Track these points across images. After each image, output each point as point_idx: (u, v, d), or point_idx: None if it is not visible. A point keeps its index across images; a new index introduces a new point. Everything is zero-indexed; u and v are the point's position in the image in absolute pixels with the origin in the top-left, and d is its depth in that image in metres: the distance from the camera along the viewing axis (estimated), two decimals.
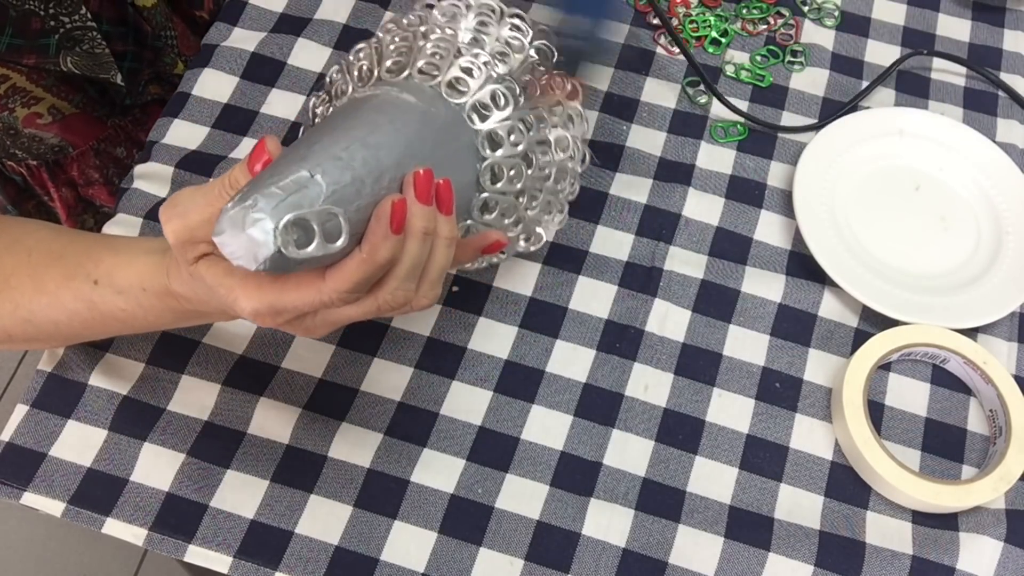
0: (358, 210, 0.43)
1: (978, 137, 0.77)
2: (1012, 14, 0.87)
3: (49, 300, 0.53)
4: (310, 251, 0.40)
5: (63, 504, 0.62)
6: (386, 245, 0.43)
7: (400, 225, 0.43)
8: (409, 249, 0.44)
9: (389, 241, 0.43)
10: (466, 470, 0.64)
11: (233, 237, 0.39)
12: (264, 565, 0.60)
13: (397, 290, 0.45)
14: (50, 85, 0.67)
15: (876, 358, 0.66)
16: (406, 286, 0.45)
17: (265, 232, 0.39)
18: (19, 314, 0.53)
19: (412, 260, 0.44)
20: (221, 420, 0.65)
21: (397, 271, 0.44)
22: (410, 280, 0.45)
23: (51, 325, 0.53)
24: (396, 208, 0.43)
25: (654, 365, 0.68)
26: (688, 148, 0.78)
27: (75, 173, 0.75)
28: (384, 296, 0.45)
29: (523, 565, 0.61)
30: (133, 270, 0.50)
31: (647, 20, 0.85)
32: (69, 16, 0.64)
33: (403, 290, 0.45)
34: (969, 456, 0.66)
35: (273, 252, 0.39)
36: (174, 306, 0.49)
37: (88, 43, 0.66)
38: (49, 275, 0.53)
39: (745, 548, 0.62)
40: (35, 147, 0.70)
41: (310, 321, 0.45)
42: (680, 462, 0.65)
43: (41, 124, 0.69)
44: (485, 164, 0.54)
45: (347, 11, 0.83)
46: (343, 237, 0.41)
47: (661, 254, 0.72)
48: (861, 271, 0.71)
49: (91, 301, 0.52)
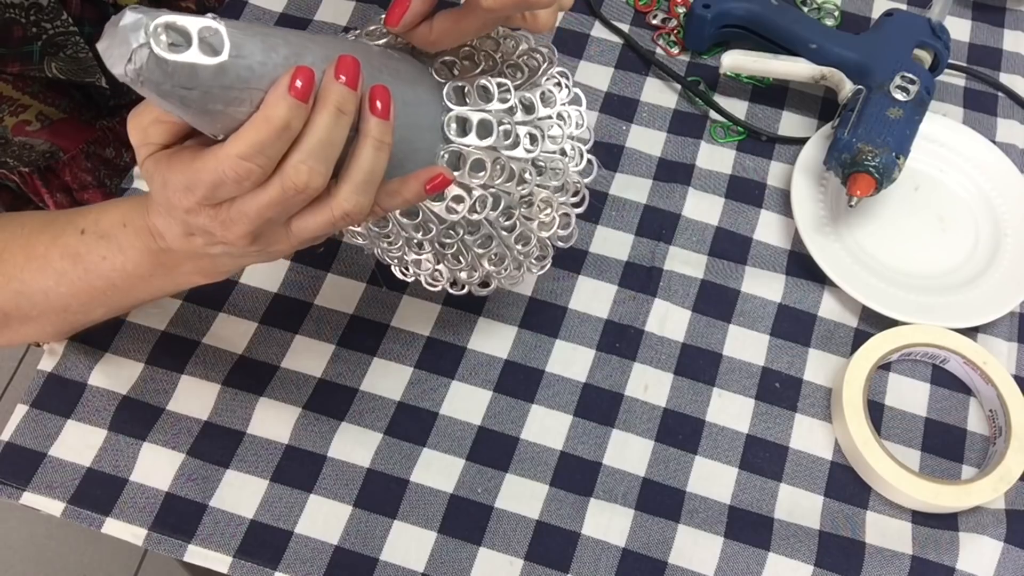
0: (262, 65, 0.41)
1: (977, 138, 0.77)
2: (1012, 14, 0.87)
3: (39, 264, 0.53)
4: (186, 57, 0.38)
5: (63, 504, 0.62)
6: (282, 105, 0.41)
7: (302, 92, 0.41)
8: (316, 121, 0.42)
9: (286, 102, 0.41)
10: (466, 470, 0.64)
11: (110, 39, 0.38)
12: (264, 565, 0.60)
13: (301, 164, 0.42)
14: (36, 92, 0.67)
15: (876, 358, 0.66)
16: (313, 165, 0.42)
17: (137, 24, 0.37)
18: (12, 286, 0.54)
19: (320, 134, 0.42)
20: (221, 420, 0.65)
21: (302, 143, 0.42)
22: (319, 160, 0.42)
23: (41, 294, 0.54)
24: (298, 72, 0.41)
25: (654, 365, 0.68)
26: (688, 148, 0.78)
27: (68, 178, 0.75)
28: (288, 172, 0.42)
29: (523, 565, 0.61)
30: (117, 211, 0.51)
31: (647, 20, 0.85)
32: (51, 22, 0.64)
33: (310, 168, 0.42)
34: (969, 456, 0.66)
35: (146, 52, 0.37)
36: (151, 246, 0.49)
37: (72, 48, 0.66)
38: (40, 240, 0.54)
39: (745, 548, 0.62)
40: (26, 154, 0.69)
41: (225, 213, 0.43)
42: (680, 462, 0.65)
43: (30, 131, 0.69)
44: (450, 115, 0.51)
45: (347, 12, 0.83)
46: (224, 51, 0.39)
47: (661, 254, 0.72)
48: (860, 271, 0.71)
49: (77, 254, 0.52)
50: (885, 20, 0.77)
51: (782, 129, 0.79)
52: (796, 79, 0.79)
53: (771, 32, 0.78)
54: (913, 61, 0.74)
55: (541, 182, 0.55)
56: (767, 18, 0.78)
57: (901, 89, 0.71)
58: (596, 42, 0.83)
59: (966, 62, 0.84)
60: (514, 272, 0.59)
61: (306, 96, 0.41)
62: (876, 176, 0.68)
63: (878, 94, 0.71)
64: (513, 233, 0.57)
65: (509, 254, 0.58)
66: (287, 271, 0.71)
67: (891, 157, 0.68)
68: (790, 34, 0.77)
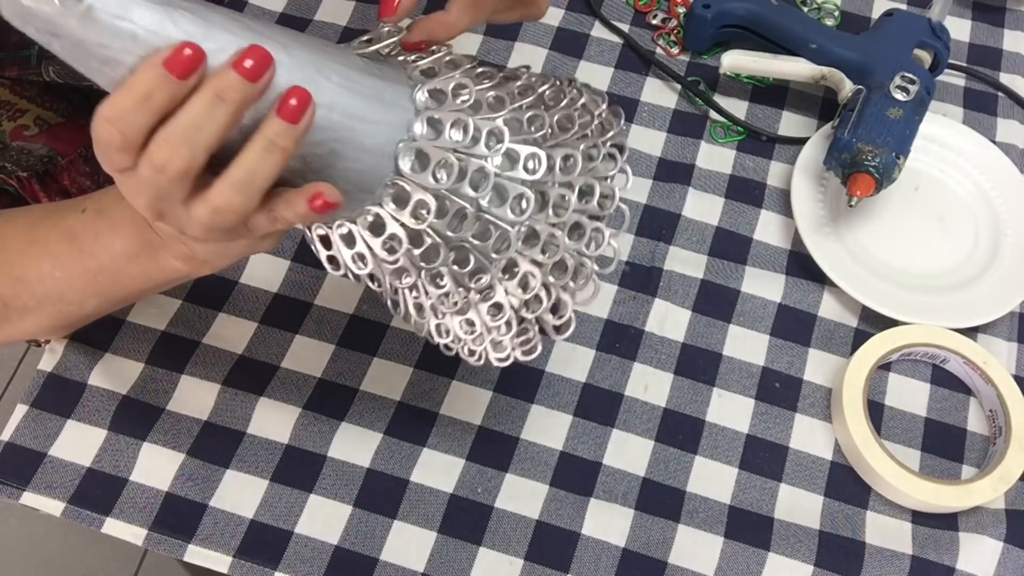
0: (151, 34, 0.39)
1: (977, 137, 0.77)
2: (1012, 14, 0.87)
3: (38, 248, 0.53)
4: (43, 4, 0.37)
5: (63, 504, 0.62)
6: (148, 72, 0.39)
7: (178, 65, 0.39)
8: (191, 101, 0.40)
9: (153, 70, 0.39)
10: (466, 470, 0.64)
11: None
12: (264, 565, 0.60)
13: (163, 142, 0.40)
14: (34, 96, 0.67)
15: (876, 358, 0.66)
16: (175, 145, 0.40)
17: None
18: (13, 273, 0.54)
19: (189, 115, 0.40)
20: (221, 420, 0.65)
21: (170, 121, 0.40)
22: (183, 142, 0.40)
23: (37, 280, 0.54)
24: (183, 46, 0.39)
25: (654, 365, 0.68)
26: (688, 148, 0.78)
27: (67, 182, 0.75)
28: (150, 147, 0.40)
29: (523, 565, 0.61)
30: (117, 189, 0.50)
31: (647, 20, 0.85)
32: None
33: (170, 148, 0.40)
34: (969, 456, 0.66)
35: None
36: (139, 221, 0.48)
37: None
38: (43, 225, 0.53)
39: (745, 548, 0.62)
40: (24, 159, 0.69)
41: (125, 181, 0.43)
42: (680, 462, 0.65)
43: (28, 136, 0.68)
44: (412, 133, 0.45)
45: (347, 12, 0.83)
46: (81, 6, 0.37)
47: (661, 254, 0.72)
48: (860, 271, 0.71)
49: (74, 234, 0.52)
50: (885, 20, 0.77)
51: (782, 129, 0.79)
52: (796, 79, 0.79)
53: (771, 32, 0.78)
54: (913, 61, 0.74)
55: (523, 249, 0.46)
56: (767, 18, 0.78)
57: (901, 89, 0.71)
58: (596, 42, 0.83)
59: (966, 62, 0.84)
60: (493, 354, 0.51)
61: (183, 72, 0.39)
62: (876, 176, 0.68)
63: (878, 94, 0.71)
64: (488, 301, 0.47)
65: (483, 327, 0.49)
66: (287, 271, 0.71)
67: (891, 157, 0.68)
68: (790, 34, 0.77)
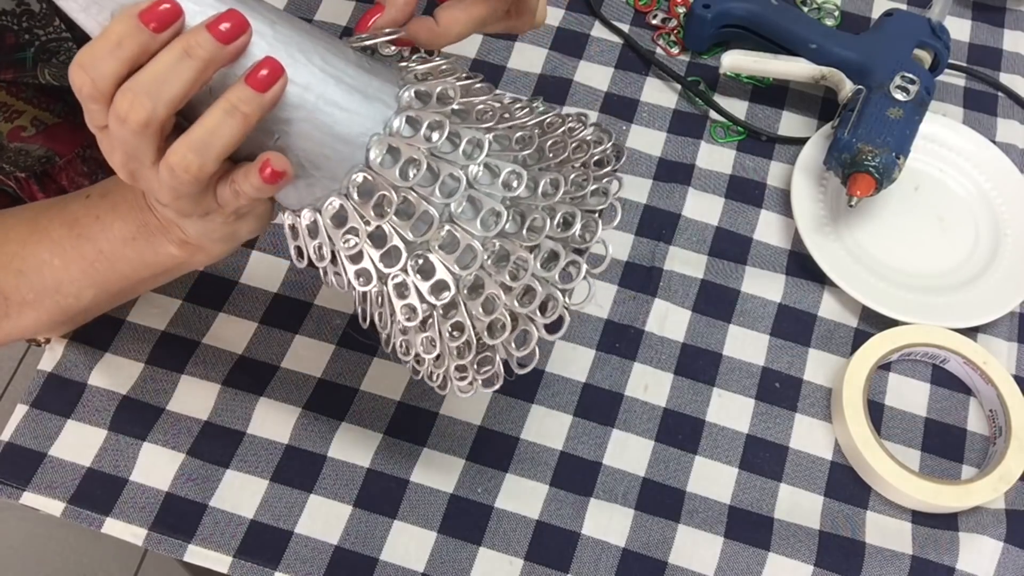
0: None
1: (977, 137, 0.77)
2: (1012, 14, 0.87)
3: (39, 236, 0.53)
4: None
5: (63, 504, 0.62)
6: (122, 21, 0.40)
7: (152, 17, 0.40)
8: (159, 55, 0.41)
9: (127, 19, 0.40)
10: (466, 470, 0.64)
11: None
12: (264, 565, 0.60)
13: (127, 91, 0.41)
14: (30, 97, 0.68)
15: (876, 358, 0.66)
16: (138, 95, 0.41)
17: None
18: (14, 265, 0.54)
19: (155, 67, 0.41)
20: (221, 420, 0.65)
21: (138, 74, 0.41)
22: (146, 94, 0.41)
23: (37, 271, 0.54)
24: (160, 1, 0.40)
25: (654, 365, 0.68)
26: (688, 148, 0.78)
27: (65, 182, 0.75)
28: (116, 97, 0.41)
29: (523, 565, 0.61)
30: None
31: (647, 20, 0.85)
32: (43, 29, 0.64)
33: (133, 97, 0.41)
34: (969, 456, 0.66)
35: None
36: (137, 203, 0.49)
37: (64, 54, 0.66)
38: (47, 214, 0.54)
39: (745, 548, 0.62)
40: (22, 160, 0.70)
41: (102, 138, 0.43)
42: (680, 462, 0.65)
43: (25, 136, 0.69)
44: None
45: (347, 12, 0.83)
46: None
47: (661, 254, 0.72)
48: (860, 271, 0.71)
49: (75, 219, 0.52)
50: (885, 20, 0.77)
51: (782, 129, 0.79)
52: (796, 79, 0.79)
53: (771, 32, 0.78)
54: (913, 61, 0.74)
55: (491, 268, 0.43)
56: (767, 18, 0.78)
57: (901, 89, 0.71)
58: (596, 42, 0.83)
59: (966, 62, 0.84)
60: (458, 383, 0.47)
61: (158, 24, 0.40)
62: (876, 176, 0.68)
63: (878, 94, 0.71)
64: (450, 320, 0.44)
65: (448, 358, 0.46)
66: (287, 271, 0.71)
67: (891, 157, 0.68)
68: (790, 34, 0.77)
